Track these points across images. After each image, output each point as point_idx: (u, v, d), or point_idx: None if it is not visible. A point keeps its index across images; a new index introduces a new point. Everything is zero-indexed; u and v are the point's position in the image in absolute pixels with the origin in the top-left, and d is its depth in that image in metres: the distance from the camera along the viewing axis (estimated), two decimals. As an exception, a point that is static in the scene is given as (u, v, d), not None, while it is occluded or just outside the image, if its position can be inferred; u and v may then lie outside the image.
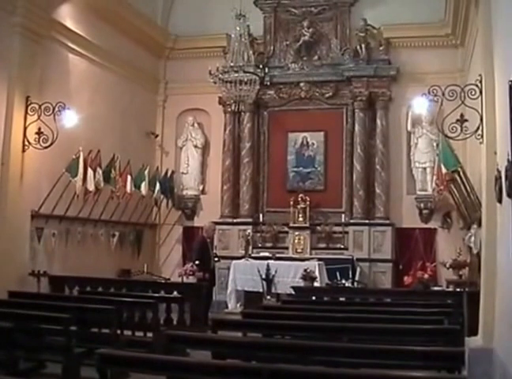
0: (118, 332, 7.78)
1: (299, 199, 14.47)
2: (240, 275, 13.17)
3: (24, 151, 10.80)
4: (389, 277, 14.09)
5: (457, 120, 8.54)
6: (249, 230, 14.59)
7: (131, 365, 4.71)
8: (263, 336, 6.58)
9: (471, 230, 11.31)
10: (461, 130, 8.49)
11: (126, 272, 13.98)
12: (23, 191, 10.86)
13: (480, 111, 7.93)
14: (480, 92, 7.95)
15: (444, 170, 11.41)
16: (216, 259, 12.63)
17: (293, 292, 10.96)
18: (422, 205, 14.38)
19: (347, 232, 14.44)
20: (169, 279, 13.72)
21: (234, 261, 13.54)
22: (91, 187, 12.26)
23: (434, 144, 13.85)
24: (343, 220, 14.49)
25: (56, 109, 10.77)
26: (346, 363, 5.03)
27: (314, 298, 10.38)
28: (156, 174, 15.05)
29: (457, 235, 13.61)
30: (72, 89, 12.64)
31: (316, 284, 12.10)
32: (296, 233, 14.48)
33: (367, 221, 14.37)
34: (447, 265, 12.16)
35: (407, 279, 12.70)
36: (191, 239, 14.78)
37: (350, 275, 13.13)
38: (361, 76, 14.65)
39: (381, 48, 14.74)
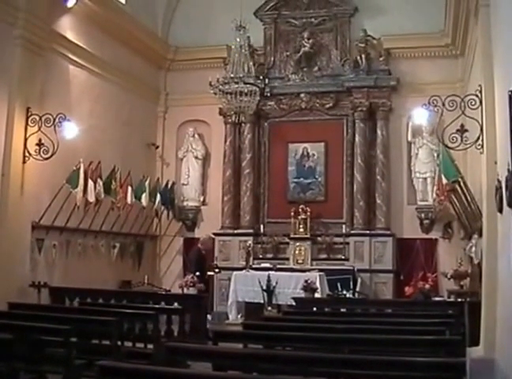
0: (119, 343, 7.74)
1: (300, 210, 14.45)
2: (241, 287, 13.14)
3: (24, 162, 10.81)
4: (390, 288, 14.05)
5: (458, 130, 8.57)
6: (250, 241, 14.55)
7: (131, 377, 4.67)
8: (264, 348, 6.54)
9: (472, 240, 11.29)
10: (462, 140, 8.52)
11: (127, 283, 13.97)
12: (23, 202, 10.85)
13: (480, 121, 7.96)
14: (480, 102, 7.98)
15: (444, 181, 11.40)
16: (216, 270, 12.61)
17: (294, 303, 10.90)
18: (423, 215, 14.36)
19: (348, 243, 14.42)
20: (170, 291, 13.68)
21: (235, 272, 13.51)
22: (91, 198, 12.26)
23: (435, 155, 13.82)
24: (344, 231, 14.48)
25: (56, 120, 10.82)
26: (347, 374, 4.99)
27: (315, 309, 10.37)
28: (156, 186, 15.04)
29: (458, 245, 13.58)
30: (72, 100, 12.67)
31: (317, 295, 12.06)
32: (297, 244, 14.45)
33: (367, 232, 14.36)
34: (448, 275, 12.12)
35: (408, 290, 12.69)
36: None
37: (351, 286, 13.12)
38: (361, 87, 14.66)
39: (381, 59, 14.76)
